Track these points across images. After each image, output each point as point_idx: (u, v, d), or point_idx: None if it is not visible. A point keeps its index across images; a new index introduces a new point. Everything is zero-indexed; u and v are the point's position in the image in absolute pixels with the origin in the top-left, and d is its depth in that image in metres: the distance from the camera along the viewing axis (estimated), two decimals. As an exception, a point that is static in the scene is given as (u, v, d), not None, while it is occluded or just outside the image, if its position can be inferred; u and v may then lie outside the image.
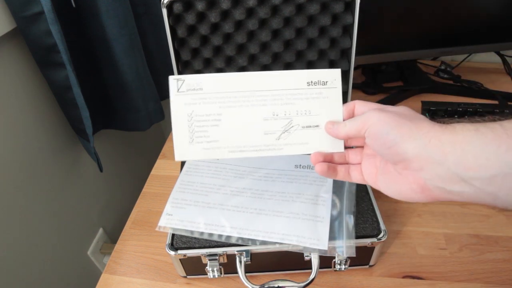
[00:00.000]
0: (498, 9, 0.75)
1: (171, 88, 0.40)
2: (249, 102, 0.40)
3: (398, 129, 0.32)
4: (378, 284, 0.52)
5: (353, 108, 0.38)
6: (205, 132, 0.40)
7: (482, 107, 0.76)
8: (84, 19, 0.64)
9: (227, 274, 0.52)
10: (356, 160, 0.40)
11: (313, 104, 0.40)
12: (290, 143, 0.40)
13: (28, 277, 0.70)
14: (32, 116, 0.68)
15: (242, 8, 0.53)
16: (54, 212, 0.76)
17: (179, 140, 0.41)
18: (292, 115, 0.40)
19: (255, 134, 0.40)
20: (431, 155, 0.30)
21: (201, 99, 0.40)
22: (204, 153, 0.41)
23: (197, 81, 0.40)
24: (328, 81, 0.40)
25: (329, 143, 0.40)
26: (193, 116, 0.40)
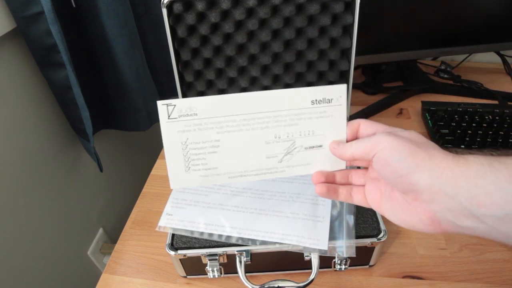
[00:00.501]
0: (498, 9, 0.75)
1: (160, 114, 0.37)
2: (249, 125, 0.37)
3: (411, 158, 0.30)
4: (378, 284, 0.52)
5: (357, 128, 0.37)
6: (202, 160, 0.38)
7: (482, 107, 0.76)
8: (84, 19, 0.64)
9: (227, 274, 0.52)
10: (359, 181, 0.39)
11: (316, 124, 0.38)
12: (292, 165, 0.39)
13: (28, 277, 0.70)
14: (32, 116, 0.68)
15: (242, 8, 0.53)
16: (54, 212, 0.76)
17: (174, 168, 0.38)
18: (295, 137, 0.38)
19: (257, 158, 0.38)
20: (443, 187, 0.28)
21: (195, 125, 0.37)
22: (202, 180, 0.38)
23: (190, 106, 0.36)
24: (333, 98, 0.37)
25: (331, 162, 0.39)
26: (188, 144, 0.37)
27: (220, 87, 0.61)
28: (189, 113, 0.36)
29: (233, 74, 0.60)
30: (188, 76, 0.59)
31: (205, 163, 0.38)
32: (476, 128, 0.71)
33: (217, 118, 0.37)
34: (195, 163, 0.38)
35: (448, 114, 0.75)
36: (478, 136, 0.69)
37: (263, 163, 0.38)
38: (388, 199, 0.35)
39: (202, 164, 0.38)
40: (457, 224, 0.29)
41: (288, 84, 0.62)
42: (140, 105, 0.77)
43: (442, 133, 0.71)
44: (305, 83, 0.61)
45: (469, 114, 0.74)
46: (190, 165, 0.38)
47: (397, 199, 0.34)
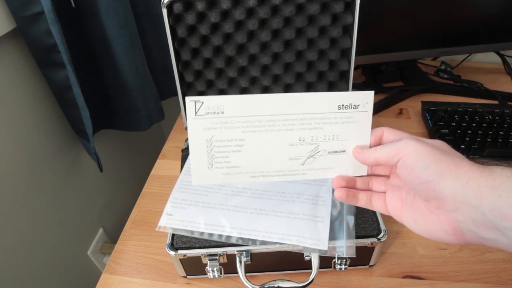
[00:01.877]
0: (498, 9, 0.75)
1: (188, 110, 0.36)
2: (275, 126, 0.37)
3: (437, 165, 0.30)
4: (378, 284, 0.52)
5: (380, 135, 0.36)
6: (226, 158, 0.38)
7: (482, 107, 0.76)
8: (84, 19, 0.64)
9: (227, 274, 0.52)
10: (379, 188, 0.38)
11: (341, 129, 0.37)
12: (314, 168, 0.39)
13: (28, 277, 0.70)
14: (32, 116, 0.68)
15: (242, 8, 0.53)
16: (54, 212, 0.76)
17: (197, 164, 0.38)
18: (319, 140, 0.38)
19: (280, 159, 0.38)
20: (467, 197, 0.28)
21: (222, 123, 0.37)
22: (223, 178, 0.39)
23: (218, 104, 0.36)
24: (360, 104, 0.37)
25: (353, 167, 0.39)
26: (213, 142, 0.37)
27: (220, 87, 0.61)
28: (216, 111, 0.36)
29: (233, 74, 0.60)
30: (188, 76, 0.59)
31: (228, 161, 0.38)
32: (476, 128, 0.71)
33: (244, 118, 0.37)
34: (219, 160, 0.38)
35: (448, 114, 0.75)
36: (478, 136, 0.69)
37: (286, 165, 0.38)
38: (409, 208, 0.34)
39: (226, 162, 0.38)
40: (480, 235, 0.29)
41: (288, 84, 0.62)
42: (140, 105, 0.77)
43: (442, 133, 0.71)
44: (305, 83, 0.61)
45: (469, 114, 0.74)
46: (214, 163, 0.38)
47: (419, 208, 0.33)
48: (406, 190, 0.35)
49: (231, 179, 0.39)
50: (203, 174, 0.39)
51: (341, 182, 0.38)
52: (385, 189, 0.38)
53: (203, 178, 0.39)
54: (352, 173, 0.39)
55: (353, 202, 0.38)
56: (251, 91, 0.62)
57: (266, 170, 0.39)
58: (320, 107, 0.37)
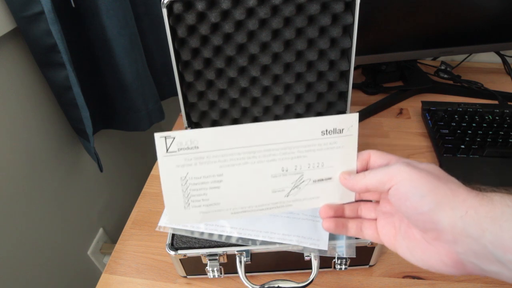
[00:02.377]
0: (498, 9, 0.75)
1: (158, 147, 0.33)
2: (255, 158, 0.34)
3: (433, 193, 0.28)
4: (378, 284, 0.52)
5: (367, 159, 0.35)
6: (203, 196, 0.35)
7: (482, 107, 0.76)
8: (84, 19, 0.64)
9: (227, 274, 0.52)
10: (369, 215, 0.36)
11: (326, 155, 0.35)
12: (299, 199, 0.36)
13: (28, 277, 0.70)
14: (32, 116, 0.68)
15: (242, 8, 0.53)
16: (54, 212, 0.76)
17: (172, 205, 0.35)
18: (304, 169, 0.36)
19: (262, 193, 0.36)
20: (467, 228, 0.26)
21: (197, 159, 0.34)
22: (202, 217, 0.36)
23: (191, 138, 0.33)
24: (344, 128, 0.35)
25: (340, 194, 0.37)
26: (188, 179, 0.34)
27: (220, 87, 0.61)
28: (190, 146, 0.34)
29: (233, 74, 0.60)
30: (188, 76, 0.59)
31: (206, 199, 0.35)
32: (476, 128, 0.71)
33: (221, 151, 0.34)
34: (196, 199, 0.35)
35: (448, 114, 0.75)
36: (478, 136, 0.69)
37: (269, 198, 0.36)
38: (404, 237, 0.32)
39: (203, 200, 0.35)
40: (482, 267, 0.27)
41: (288, 84, 0.62)
42: (140, 105, 0.77)
43: (442, 133, 0.71)
44: (305, 83, 0.61)
45: (469, 114, 0.74)
46: (190, 201, 0.35)
47: (415, 237, 0.31)
48: (399, 217, 0.33)
49: (210, 217, 0.36)
50: (179, 215, 0.36)
51: (329, 211, 0.36)
52: (376, 216, 0.36)
53: (180, 219, 0.36)
54: (340, 201, 0.37)
55: (342, 232, 0.36)
56: (251, 91, 0.62)
57: (248, 205, 0.36)
58: (302, 134, 0.35)
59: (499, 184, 0.62)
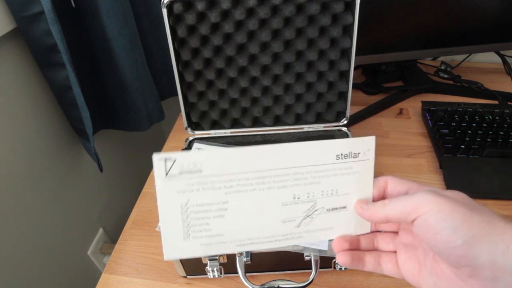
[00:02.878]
0: (498, 9, 0.75)
1: (156, 170, 0.30)
2: (264, 184, 0.32)
3: (467, 226, 0.25)
4: (378, 284, 0.52)
5: (384, 186, 0.32)
6: (205, 225, 0.32)
7: (482, 107, 0.76)
8: (84, 19, 0.64)
9: (227, 274, 0.52)
10: (387, 247, 0.33)
11: (341, 182, 0.33)
12: (311, 230, 0.34)
13: (28, 277, 0.70)
14: (32, 116, 0.68)
15: (242, 8, 0.53)
16: (54, 212, 0.76)
17: (169, 236, 0.32)
18: (317, 197, 0.33)
19: (271, 223, 0.33)
20: (510, 265, 0.24)
21: (200, 184, 0.31)
22: (203, 250, 0.33)
23: (194, 161, 0.30)
24: (361, 152, 0.33)
25: (355, 225, 0.34)
26: (189, 207, 0.31)
27: (220, 87, 0.61)
28: (193, 170, 0.30)
29: (233, 74, 0.60)
30: (188, 76, 0.59)
31: (209, 229, 0.32)
32: (476, 128, 0.71)
33: (227, 176, 0.31)
34: (197, 229, 0.32)
35: (448, 114, 0.75)
36: (478, 136, 0.69)
37: (278, 229, 0.33)
38: (431, 273, 0.29)
39: (205, 230, 0.32)
40: None
41: (288, 84, 0.62)
42: (140, 105, 0.77)
43: (442, 133, 0.71)
44: (305, 83, 0.61)
45: (469, 114, 0.74)
46: (190, 232, 0.32)
47: (444, 274, 0.28)
48: (423, 251, 0.30)
49: (212, 250, 0.33)
50: (178, 247, 0.32)
51: (344, 244, 0.32)
52: (395, 248, 0.32)
53: (178, 252, 0.32)
54: (354, 231, 0.34)
55: (359, 267, 0.32)
56: (251, 91, 0.62)
57: (255, 236, 0.33)
58: (316, 158, 0.32)
59: (499, 184, 0.62)
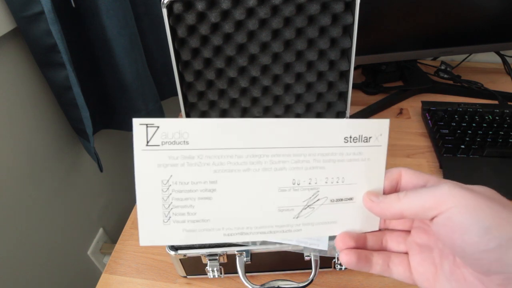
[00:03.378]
0: (498, 9, 0.75)
1: (135, 137, 0.26)
2: (260, 164, 0.28)
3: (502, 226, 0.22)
4: (378, 284, 0.52)
5: (397, 178, 0.28)
6: (189, 208, 0.28)
7: (482, 107, 0.76)
8: (84, 19, 0.64)
9: (227, 274, 0.52)
10: (398, 247, 0.29)
11: (348, 169, 0.29)
12: (311, 223, 0.29)
13: (28, 277, 0.70)
14: (32, 116, 0.68)
15: (242, 8, 0.53)
16: (54, 212, 0.76)
17: (147, 218, 0.28)
18: (319, 184, 0.29)
19: (266, 210, 0.29)
20: None
21: (185, 158, 0.27)
22: (185, 236, 0.28)
23: (180, 129, 0.26)
24: (372, 136, 0.29)
25: (361, 220, 0.30)
26: (171, 184, 0.27)
27: (220, 87, 0.61)
28: (178, 140, 0.26)
29: (233, 74, 0.60)
30: (188, 76, 0.59)
31: (193, 213, 0.28)
32: (476, 128, 0.71)
33: (217, 151, 0.27)
34: (179, 211, 0.28)
35: (448, 114, 0.75)
36: (478, 136, 0.69)
37: (274, 218, 0.29)
38: (449, 278, 0.25)
39: (189, 213, 0.28)
40: None
41: (288, 84, 0.61)
42: (140, 105, 0.77)
43: (442, 133, 0.71)
44: (305, 83, 0.61)
45: (469, 114, 0.74)
46: (171, 214, 0.28)
47: (466, 279, 0.25)
48: (440, 252, 0.27)
49: (196, 238, 0.29)
50: (156, 232, 0.28)
51: (349, 241, 0.28)
52: (406, 249, 0.29)
53: (156, 237, 0.28)
54: (361, 228, 0.30)
55: (365, 268, 0.28)
56: (251, 91, 0.62)
57: (246, 225, 0.29)
58: (322, 138, 0.28)
59: (499, 184, 0.62)
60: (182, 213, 0.28)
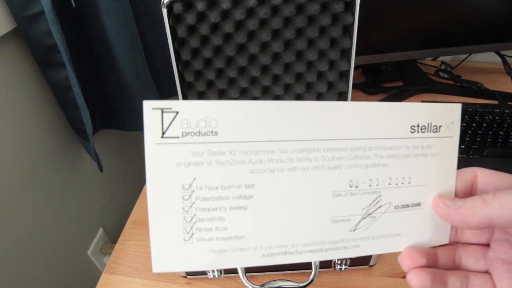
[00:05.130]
0: (498, 9, 0.75)
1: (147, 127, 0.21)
2: (309, 162, 0.22)
3: None
4: (378, 284, 0.52)
5: (472, 179, 0.24)
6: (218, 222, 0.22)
7: (482, 107, 0.76)
8: (84, 19, 0.64)
9: (227, 274, 0.52)
10: (475, 265, 0.24)
11: (415, 166, 0.23)
12: (371, 236, 0.24)
13: (28, 277, 0.70)
14: (32, 116, 0.68)
15: (242, 8, 0.53)
16: (54, 212, 0.76)
17: (161, 235, 0.21)
18: (382, 187, 0.23)
19: (316, 223, 0.23)
20: None
21: (213, 154, 0.21)
22: (212, 260, 0.22)
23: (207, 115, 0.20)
24: (443, 125, 0.23)
25: (430, 231, 0.24)
26: (195, 190, 0.21)
27: (220, 87, 0.61)
28: (204, 131, 0.20)
29: (233, 74, 0.60)
30: (188, 76, 0.59)
31: (223, 228, 0.22)
32: (476, 128, 0.71)
33: (255, 144, 0.21)
34: (205, 226, 0.21)
35: (448, 114, 0.75)
36: (478, 136, 0.69)
37: (326, 232, 0.23)
38: None
39: (218, 229, 0.22)
40: None
41: (288, 84, 0.62)
42: (140, 105, 0.76)
43: (442, 133, 0.71)
44: (305, 83, 0.61)
45: (469, 114, 0.74)
46: (195, 230, 0.21)
47: None
48: None
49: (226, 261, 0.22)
50: (174, 254, 0.21)
51: (419, 258, 0.23)
52: (487, 267, 0.23)
53: (174, 261, 0.22)
54: (429, 241, 0.24)
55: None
56: (251, 91, 0.62)
57: (290, 242, 0.23)
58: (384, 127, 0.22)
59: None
60: (209, 228, 0.22)
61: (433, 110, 0.23)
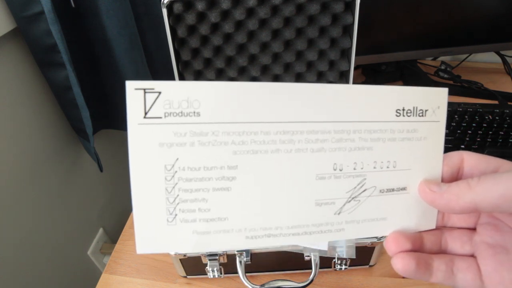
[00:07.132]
0: (498, 9, 0.75)
1: (129, 107, 0.20)
2: (292, 144, 0.22)
3: None
4: (378, 284, 0.52)
5: (458, 164, 0.23)
6: (201, 203, 0.22)
7: (482, 107, 0.76)
8: (84, 19, 0.64)
9: (227, 274, 0.52)
10: (461, 249, 0.23)
11: (401, 150, 0.23)
12: (357, 220, 0.24)
13: (28, 277, 0.70)
14: (32, 116, 0.68)
15: (242, 8, 0.53)
16: (54, 212, 0.76)
17: (144, 217, 0.22)
18: (366, 170, 0.23)
19: (300, 206, 0.23)
20: None
21: (195, 134, 0.21)
22: (195, 242, 0.22)
23: (189, 96, 0.20)
24: (429, 109, 0.24)
25: (416, 216, 0.24)
26: (178, 171, 0.21)
27: (220, 87, 0.61)
28: (186, 111, 0.20)
29: (233, 74, 0.60)
30: (188, 76, 0.59)
31: (206, 209, 0.22)
32: (476, 128, 0.71)
33: (237, 125, 0.21)
34: (188, 207, 0.22)
35: (448, 114, 0.74)
36: (478, 136, 0.69)
37: (310, 215, 0.23)
38: None
39: (201, 210, 0.22)
40: None
41: (288, 84, 0.62)
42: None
43: (442, 133, 0.71)
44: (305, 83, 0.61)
45: (469, 114, 0.74)
46: (178, 211, 0.22)
47: None
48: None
49: (210, 242, 0.22)
50: (157, 235, 0.22)
51: (404, 242, 0.23)
52: (473, 251, 0.23)
53: (157, 243, 0.22)
54: (416, 226, 0.24)
55: (425, 276, 0.23)
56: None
57: (274, 225, 0.23)
58: (368, 110, 0.22)
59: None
60: (192, 209, 0.22)
61: (419, 94, 0.23)
